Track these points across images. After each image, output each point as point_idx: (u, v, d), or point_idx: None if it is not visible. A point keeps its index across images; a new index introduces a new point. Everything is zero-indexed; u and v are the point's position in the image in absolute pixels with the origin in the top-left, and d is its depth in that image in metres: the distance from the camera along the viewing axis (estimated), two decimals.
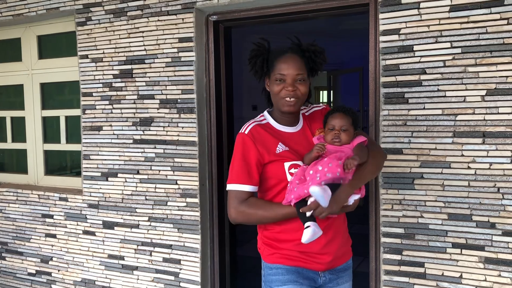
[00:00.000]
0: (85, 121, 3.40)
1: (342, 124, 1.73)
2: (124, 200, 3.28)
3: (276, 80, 1.74)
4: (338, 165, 1.58)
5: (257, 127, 1.80)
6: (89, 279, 3.47)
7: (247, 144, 1.76)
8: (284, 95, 1.74)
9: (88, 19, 3.32)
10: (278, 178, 1.75)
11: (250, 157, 1.75)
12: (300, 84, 1.74)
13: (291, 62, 1.73)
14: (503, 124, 2.23)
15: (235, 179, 1.76)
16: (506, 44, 2.20)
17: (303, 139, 1.84)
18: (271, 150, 1.76)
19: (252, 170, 1.75)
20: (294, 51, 1.77)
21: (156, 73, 3.10)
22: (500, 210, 2.26)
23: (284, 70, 1.73)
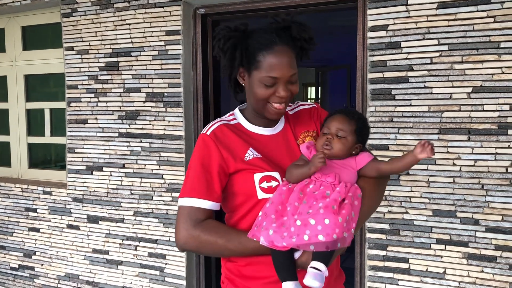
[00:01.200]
0: (70, 114, 3.36)
1: (340, 128, 1.34)
2: (109, 194, 3.25)
3: (264, 84, 1.34)
4: (337, 223, 1.15)
5: (223, 127, 1.42)
6: (73, 274, 3.44)
7: (208, 147, 1.37)
8: (274, 101, 1.36)
9: (73, 10, 3.26)
10: (246, 193, 1.36)
11: (211, 163, 1.35)
12: (293, 85, 1.37)
13: (284, 58, 1.32)
14: (488, 121, 2.25)
15: (189, 191, 1.34)
16: (492, 42, 2.22)
17: (282, 145, 1.45)
18: (238, 156, 1.37)
19: (212, 180, 1.34)
20: (283, 40, 1.34)
21: (142, 66, 3.07)
22: (484, 207, 2.28)
23: (277, 70, 1.31)
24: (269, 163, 1.37)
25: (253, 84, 1.37)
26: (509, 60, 2.19)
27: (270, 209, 1.25)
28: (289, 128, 1.50)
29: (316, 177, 1.28)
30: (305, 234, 1.15)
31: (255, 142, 1.42)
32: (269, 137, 1.45)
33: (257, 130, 1.46)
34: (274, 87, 1.34)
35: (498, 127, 2.23)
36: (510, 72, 2.19)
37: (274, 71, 1.32)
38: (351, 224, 1.20)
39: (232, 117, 1.49)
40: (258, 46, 1.33)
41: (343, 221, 1.17)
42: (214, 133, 1.39)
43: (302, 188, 1.26)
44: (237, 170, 1.36)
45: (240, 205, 1.39)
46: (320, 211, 1.17)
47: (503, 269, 2.26)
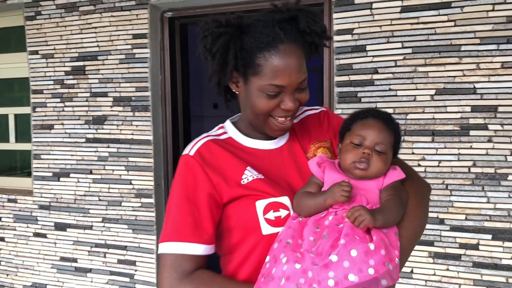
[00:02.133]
0: (35, 120, 3.28)
1: (380, 140, 1.02)
2: (76, 201, 3.18)
3: (265, 93, 1.04)
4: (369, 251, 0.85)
5: (210, 144, 1.12)
6: (40, 283, 3.35)
7: (193, 172, 1.06)
8: (279, 115, 1.07)
9: (37, 13, 3.19)
10: (246, 228, 1.05)
11: (197, 194, 1.05)
12: (302, 92, 1.07)
13: (292, 60, 1.01)
14: (451, 123, 2.30)
15: (172, 234, 1.04)
16: (454, 45, 2.27)
17: (289, 161, 1.14)
18: (232, 179, 1.06)
19: (201, 217, 1.04)
20: (289, 36, 1.02)
21: (109, 70, 3.02)
22: (448, 206, 2.33)
23: (283, 77, 1.01)
24: (275, 185, 1.06)
25: (251, 94, 1.06)
26: (469, 63, 2.25)
27: (279, 250, 0.93)
28: (295, 140, 1.18)
29: (335, 207, 0.97)
30: (329, 279, 0.83)
31: (253, 159, 1.11)
32: (271, 152, 1.14)
33: (255, 144, 1.15)
34: (279, 97, 1.04)
35: (461, 128, 2.29)
36: (471, 74, 2.25)
37: (279, 78, 1.01)
38: (392, 252, 0.89)
39: (221, 131, 1.18)
40: (258, 45, 1.02)
41: (377, 248, 0.86)
42: (199, 153, 1.09)
43: (318, 221, 0.96)
44: (232, 198, 1.05)
45: (238, 244, 1.07)
46: (340, 242, 0.87)
47: (467, 267, 2.31)
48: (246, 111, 1.13)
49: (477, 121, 2.26)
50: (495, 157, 2.24)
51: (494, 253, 2.27)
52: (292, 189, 1.08)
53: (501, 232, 2.25)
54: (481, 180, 2.27)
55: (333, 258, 0.85)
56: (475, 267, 2.30)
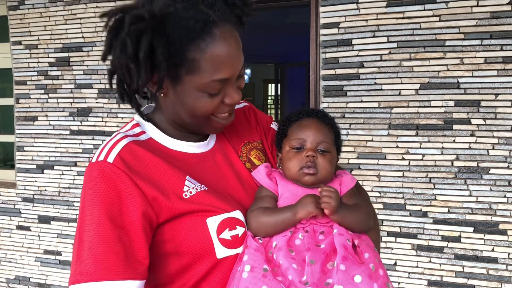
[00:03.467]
0: (18, 111, 3.23)
1: (321, 139, 0.94)
2: (61, 193, 3.15)
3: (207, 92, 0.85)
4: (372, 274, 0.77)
5: (133, 146, 0.86)
6: (23, 276, 3.32)
7: (117, 184, 0.80)
8: (222, 111, 0.90)
9: (21, 3, 3.14)
10: (195, 251, 0.84)
11: (126, 212, 0.80)
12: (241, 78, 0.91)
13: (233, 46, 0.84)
14: (434, 117, 2.33)
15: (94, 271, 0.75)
16: (438, 40, 2.29)
17: (224, 166, 0.97)
18: (172, 192, 0.84)
19: (134, 243, 0.79)
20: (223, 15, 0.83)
21: (94, 62, 2.99)
22: (431, 200, 2.36)
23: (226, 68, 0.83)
24: (222, 198, 0.88)
25: (187, 95, 0.86)
26: (453, 57, 2.27)
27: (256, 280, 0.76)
28: (225, 139, 1.01)
29: (303, 222, 0.87)
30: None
31: (186, 166, 0.90)
32: (202, 156, 0.94)
33: (182, 147, 0.93)
34: (222, 93, 0.87)
35: (444, 122, 2.31)
36: (455, 69, 2.28)
37: (222, 71, 0.83)
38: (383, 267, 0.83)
39: (138, 130, 0.93)
40: (187, 34, 0.79)
41: (377, 268, 0.79)
42: (122, 159, 0.83)
43: (288, 243, 0.83)
44: (174, 215, 0.83)
45: (183, 272, 0.85)
46: (340, 268, 0.76)
47: (449, 259, 2.35)
48: (175, 113, 0.90)
49: (461, 115, 2.29)
50: (478, 151, 2.28)
51: (476, 246, 2.31)
52: (237, 201, 0.91)
53: (482, 225, 2.29)
54: (463, 173, 2.30)
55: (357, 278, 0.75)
56: (457, 259, 2.34)
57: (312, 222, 0.86)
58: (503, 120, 2.23)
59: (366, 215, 0.91)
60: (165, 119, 0.94)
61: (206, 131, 0.94)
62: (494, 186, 2.26)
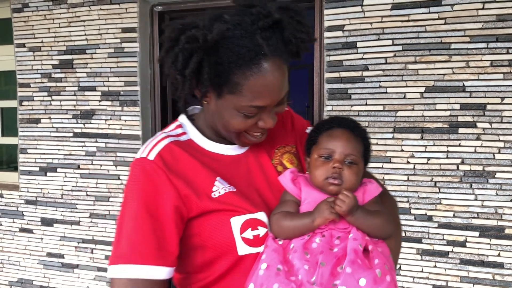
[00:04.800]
0: (22, 113, 3.23)
1: (349, 151, 0.95)
2: (63, 196, 3.15)
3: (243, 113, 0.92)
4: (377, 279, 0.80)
5: (173, 146, 0.96)
6: (26, 279, 3.31)
7: (154, 181, 0.90)
8: (254, 131, 0.96)
9: (25, 5, 3.14)
10: (219, 247, 0.92)
11: (161, 206, 0.90)
12: (280, 105, 0.96)
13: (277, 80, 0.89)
14: (440, 120, 2.31)
15: (129, 255, 0.87)
16: (444, 43, 2.28)
17: (256, 169, 1.03)
18: (202, 191, 0.93)
19: (166, 233, 0.89)
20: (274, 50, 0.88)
21: (98, 64, 2.99)
22: (436, 204, 2.34)
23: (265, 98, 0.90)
24: (249, 199, 0.95)
25: (225, 111, 0.93)
26: (459, 61, 2.26)
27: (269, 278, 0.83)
28: (260, 143, 1.04)
29: (322, 227, 0.91)
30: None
31: (219, 167, 0.98)
32: (236, 159, 1.02)
33: (219, 149, 1.01)
34: (257, 116, 0.93)
35: (450, 125, 2.30)
36: (460, 72, 2.26)
37: (260, 99, 0.89)
38: (394, 276, 0.85)
39: (180, 131, 1.02)
40: (237, 60, 0.86)
41: (383, 274, 0.81)
42: (161, 158, 0.92)
43: (305, 245, 0.88)
44: (202, 212, 0.92)
45: (208, 264, 0.94)
46: (346, 270, 0.80)
47: (454, 264, 2.33)
48: (214, 121, 0.99)
49: (466, 119, 2.27)
50: (483, 155, 2.26)
51: (481, 250, 2.29)
52: (265, 202, 0.97)
53: (488, 229, 2.27)
54: (469, 177, 2.28)
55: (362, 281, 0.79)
56: (462, 264, 2.32)
57: (331, 227, 0.90)
58: (509, 124, 2.21)
59: (384, 221, 0.93)
60: (206, 123, 1.02)
61: (236, 143, 1.01)
62: (500, 190, 2.24)
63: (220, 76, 0.88)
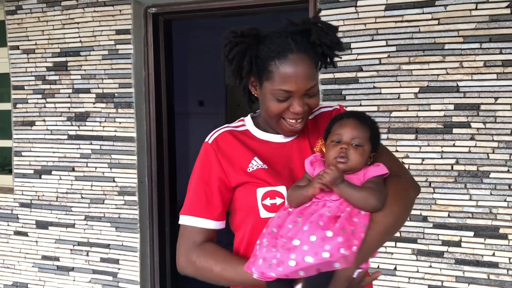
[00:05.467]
0: (16, 116, 3.22)
1: (355, 135, 1.12)
2: (58, 198, 3.14)
3: (277, 98, 1.15)
4: (325, 238, 0.95)
5: (227, 134, 1.26)
6: (21, 282, 3.30)
7: (209, 157, 1.23)
8: (289, 117, 1.18)
9: (18, 7, 3.13)
10: (247, 210, 1.19)
11: (210, 177, 1.22)
12: (312, 98, 1.17)
13: (300, 69, 1.11)
14: (434, 120, 2.32)
15: (188, 209, 1.22)
16: (437, 44, 2.28)
17: (295, 154, 1.24)
18: (240, 167, 1.21)
19: (213, 196, 1.21)
20: (300, 47, 1.12)
21: (92, 66, 2.98)
22: (431, 204, 2.35)
23: (291, 84, 1.12)
24: (276, 175, 1.18)
25: (265, 97, 1.18)
26: (452, 61, 2.26)
27: (264, 235, 1.07)
28: (306, 136, 1.26)
29: (318, 197, 1.08)
30: (290, 259, 0.95)
31: (263, 150, 1.24)
32: (281, 145, 1.25)
33: (267, 136, 1.26)
34: (288, 101, 1.15)
35: (444, 126, 2.30)
36: (454, 73, 2.27)
37: (287, 84, 1.12)
38: (352, 240, 0.97)
39: (240, 123, 1.32)
40: (270, 53, 1.14)
41: (335, 235, 0.96)
42: (216, 141, 1.24)
43: (301, 211, 1.07)
44: (239, 183, 1.20)
45: (241, 223, 1.22)
46: (304, 228, 0.98)
47: (450, 264, 2.33)
48: (262, 112, 1.25)
49: (460, 119, 2.28)
50: (478, 155, 2.26)
51: (476, 250, 2.29)
52: (293, 179, 1.18)
53: (483, 229, 2.27)
54: (463, 177, 2.29)
55: (296, 242, 0.97)
56: (457, 263, 2.32)
57: (326, 198, 1.07)
58: (503, 124, 2.22)
59: (368, 195, 1.05)
60: (261, 117, 1.29)
61: (279, 131, 1.24)
62: (495, 190, 2.25)
63: (259, 66, 1.16)
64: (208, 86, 6.83)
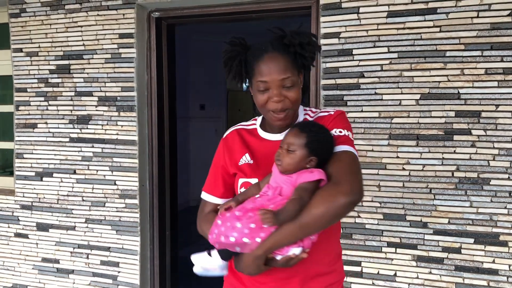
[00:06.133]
0: (18, 118, 3.23)
1: (290, 142, 1.30)
2: (59, 201, 3.14)
3: (259, 90, 1.37)
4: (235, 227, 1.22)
5: (235, 132, 1.55)
6: (21, 284, 3.30)
7: (219, 149, 1.55)
8: (271, 108, 1.37)
9: (22, 10, 3.15)
10: (233, 194, 1.51)
11: (218, 163, 1.54)
12: (289, 91, 1.35)
13: (273, 63, 1.34)
14: (435, 127, 2.32)
15: (204, 186, 1.58)
16: (439, 51, 2.30)
17: None
18: (234, 160, 1.49)
19: (217, 179, 1.53)
20: (275, 48, 1.35)
21: (95, 69, 2.99)
22: (431, 210, 2.35)
23: (266, 75, 1.34)
24: (255, 169, 1.43)
25: (254, 93, 1.41)
26: (454, 68, 2.28)
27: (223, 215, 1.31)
28: None
29: (263, 191, 1.32)
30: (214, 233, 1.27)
31: (258, 147, 1.48)
32: (275, 143, 1.44)
33: (266, 135, 1.49)
34: (268, 92, 1.36)
35: (445, 132, 2.31)
36: (455, 80, 2.28)
37: (263, 76, 1.35)
38: (257, 233, 1.21)
39: (252, 122, 1.58)
40: (253, 56, 1.38)
41: (243, 227, 1.22)
42: (226, 138, 1.56)
43: (253, 199, 1.31)
44: (233, 173, 1.49)
45: None
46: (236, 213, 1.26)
47: (450, 270, 2.33)
48: (260, 111, 1.45)
49: (461, 126, 2.29)
50: (478, 162, 2.27)
51: (476, 257, 2.29)
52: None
53: (483, 236, 2.28)
54: (464, 184, 2.29)
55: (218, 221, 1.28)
56: (457, 270, 2.32)
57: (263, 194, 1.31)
58: (503, 131, 2.23)
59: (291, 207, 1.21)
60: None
61: (271, 123, 1.43)
62: (495, 197, 2.25)
63: (247, 67, 1.40)
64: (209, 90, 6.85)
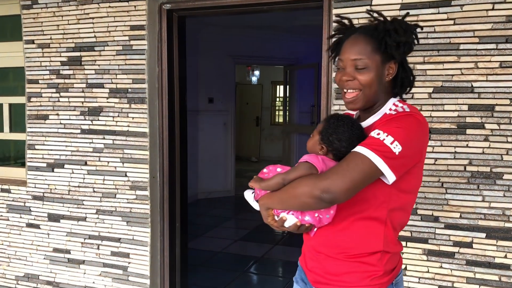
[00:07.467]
0: (30, 109, 3.26)
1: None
2: (70, 192, 3.17)
3: (337, 67, 1.43)
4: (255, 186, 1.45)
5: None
6: (32, 274, 3.34)
7: None
8: (341, 86, 1.41)
9: (34, 2, 3.16)
10: None
11: None
12: (360, 73, 1.35)
13: (352, 44, 1.37)
14: (448, 121, 2.31)
15: None
16: (452, 44, 2.27)
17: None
18: None
19: None
20: (364, 31, 1.39)
21: (106, 61, 3.00)
22: (443, 204, 2.34)
23: (342, 54, 1.38)
24: None
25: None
26: (467, 61, 2.25)
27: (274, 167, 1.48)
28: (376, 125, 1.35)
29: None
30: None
31: None
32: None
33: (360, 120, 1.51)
34: (342, 72, 1.39)
35: (457, 126, 2.29)
36: (469, 73, 2.26)
37: (341, 54, 1.39)
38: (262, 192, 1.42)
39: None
40: (346, 36, 1.44)
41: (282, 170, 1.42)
42: None
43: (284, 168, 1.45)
44: None
45: None
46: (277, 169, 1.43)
47: (461, 265, 2.32)
48: None
49: (474, 120, 2.27)
50: (491, 156, 2.25)
51: (488, 252, 2.28)
52: None
53: (495, 230, 2.26)
54: (476, 178, 2.28)
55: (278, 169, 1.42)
56: (468, 265, 2.31)
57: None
58: None
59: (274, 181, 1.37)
60: None
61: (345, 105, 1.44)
62: (508, 191, 2.24)
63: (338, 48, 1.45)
64: (217, 84, 6.84)
